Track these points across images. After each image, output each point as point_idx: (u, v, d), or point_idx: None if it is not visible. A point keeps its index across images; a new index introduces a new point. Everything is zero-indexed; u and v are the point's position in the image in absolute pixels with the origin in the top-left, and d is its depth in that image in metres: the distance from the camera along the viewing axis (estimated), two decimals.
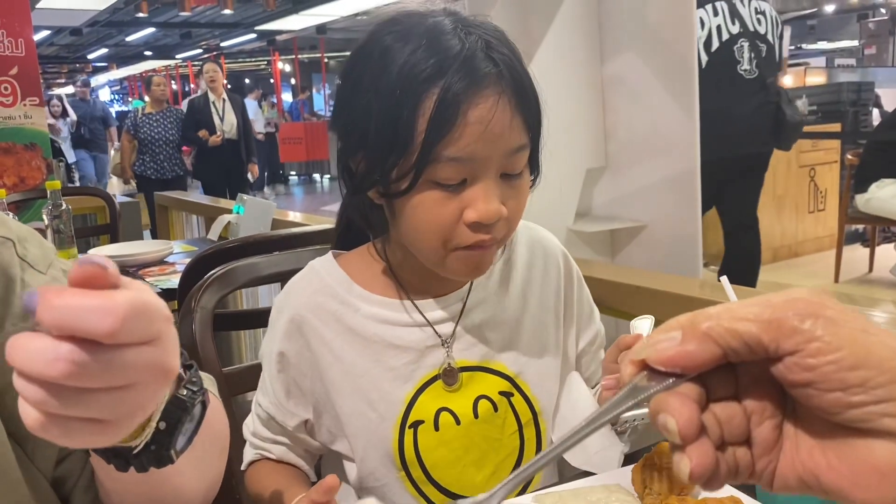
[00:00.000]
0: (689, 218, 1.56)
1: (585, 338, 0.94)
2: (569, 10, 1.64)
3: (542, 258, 0.92)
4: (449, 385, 0.85)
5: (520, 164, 0.77)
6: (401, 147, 0.74)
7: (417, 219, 0.76)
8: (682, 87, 1.51)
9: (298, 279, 0.90)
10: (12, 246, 0.65)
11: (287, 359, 0.87)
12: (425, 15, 0.77)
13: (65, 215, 2.13)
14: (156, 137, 5.88)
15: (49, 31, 12.81)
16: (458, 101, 0.72)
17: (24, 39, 3.31)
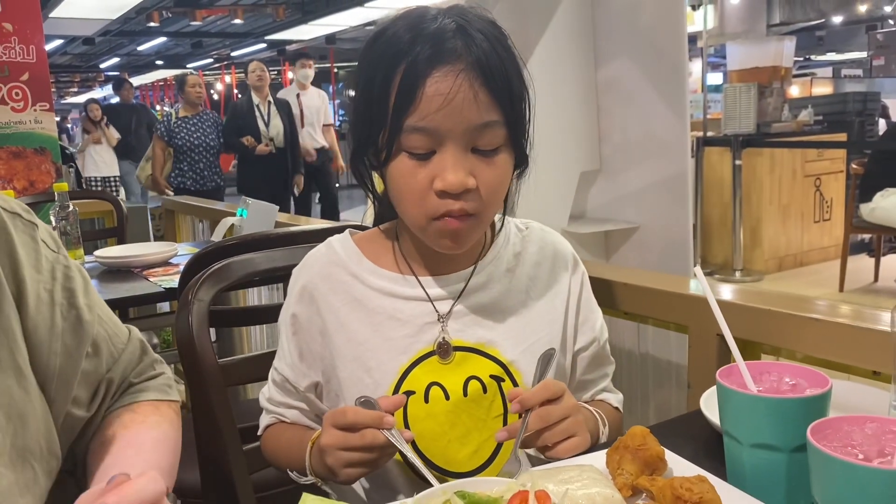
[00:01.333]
0: (681, 219, 1.58)
1: (582, 339, 0.97)
2: (564, 16, 1.67)
3: (552, 259, 0.96)
4: (443, 359, 0.89)
5: (492, 141, 0.82)
6: (379, 118, 0.81)
7: (396, 187, 0.84)
8: (673, 92, 1.54)
9: (315, 251, 0.97)
10: None
11: (299, 322, 0.93)
12: (422, 6, 0.84)
13: (72, 217, 2.17)
14: (194, 144, 5.20)
15: (62, 41, 12.95)
16: (419, 73, 0.78)
17: (35, 46, 3.37)
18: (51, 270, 0.77)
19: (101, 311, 0.83)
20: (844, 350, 1.01)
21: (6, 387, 0.71)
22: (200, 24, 11.63)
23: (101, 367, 0.81)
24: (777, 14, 8.59)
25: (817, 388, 0.73)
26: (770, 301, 1.12)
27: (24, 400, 0.72)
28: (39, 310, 0.75)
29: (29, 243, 0.76)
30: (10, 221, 0.75)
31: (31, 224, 0.78)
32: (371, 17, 10.69)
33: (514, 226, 0.97)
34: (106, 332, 0.82)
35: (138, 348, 0.88)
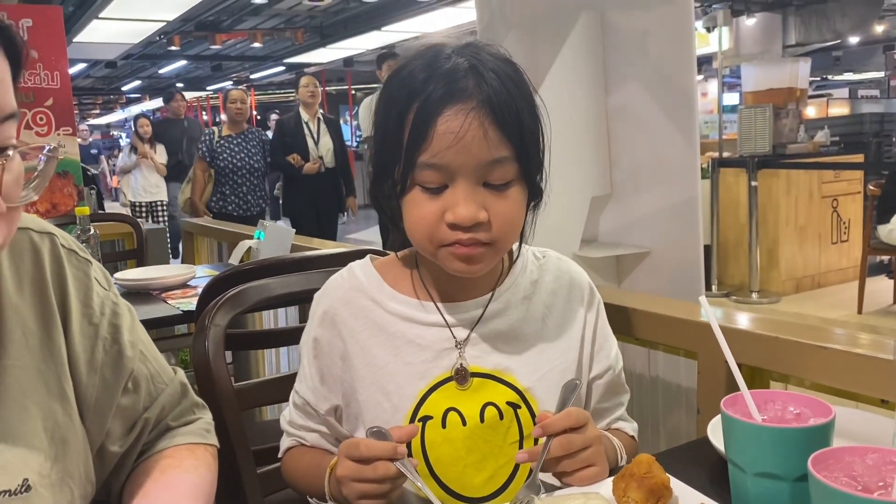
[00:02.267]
0: (692, 244, 1.59)
1: (598, 367, 0.98)
2: (574, 43, 1.70)
3: (567, 287, 0.97)
4: (461, 385, 0.90)
5: (503, 176, 0.84)
6: (394, 153, 0.84)
7: (410, 218, 0.86)
8: (683, 119, 1.56)
9: (337, 277, 0.99)
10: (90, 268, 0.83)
11: (321, 346, 0.95)
12: (438, 44, 0.87)
13: (92, 240, 2.21)
14: (238, 165, 4.76)
15: (85, 64, 13.19)
16: (431, 111, 0.81)
17: (59, 72, 3.45)
18: (100, 306, 0.81)
19: (146, 349, 0.86)
20: (852, 378, 1.01)
21: (52, 412, 0.74)
22: (220, 47, 11.81)
23: (138, 405, 0.84)
24: (793, 35, 8.59)
25: (821, 417, 0.74)
26: (778, 329, 1.13)
27: (67, 425, 0.76)
28: (83, 342, 0.78)
29: (81, 278, 0.80)
30: (65, 257, 0.79)
31: (86, 261, 0.82)
32: (388, 40, 10.82)
33: (532, 254, 0.99)
34: (148, 370, 0.85)
35: (179, 391, 0.89)
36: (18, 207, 0.67)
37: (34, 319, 0.75)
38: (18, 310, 0.74)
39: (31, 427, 0.72)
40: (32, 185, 0.69)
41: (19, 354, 0.73)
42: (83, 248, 0.83)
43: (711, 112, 8.16)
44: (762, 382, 1.15)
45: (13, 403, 0.72)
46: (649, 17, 1.60)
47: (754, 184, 5.23)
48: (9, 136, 0.65)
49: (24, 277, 0.76)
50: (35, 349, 0.75)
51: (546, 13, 1.85)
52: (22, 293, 0.75)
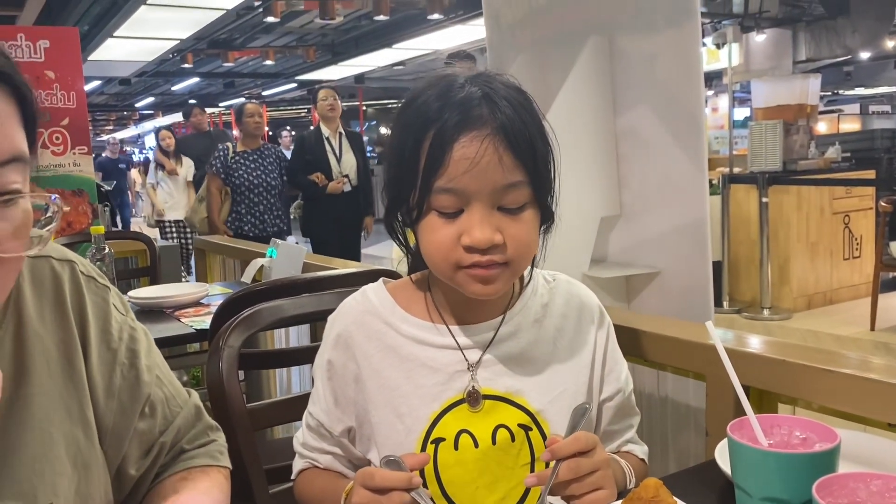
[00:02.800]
0: (701, 265, 1.60)
1: (608, 390, 0.99)
2: (582, 67, 1.72)
3: (578, 310, 0.99)
4: (473, 407, 0.92)
5: (517, 200, 0.86)
6: (410, 180, 0.86)
7: (426, 242, 0.88)
8: (691, 141, 1.57)
9: (350, 300, 1.01)
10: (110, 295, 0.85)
11: (334, 368, 0.97)
12: (450, 74, 0.90)
13: (107, 258, 2.24)
14: (254, 183, 4.50)
15: (100, 81, 13.36)
16: (447, 139, 0.83)
17: (75, 92, 3.51)
18: (118, 331, 0.83)
19: (162, 373, 0.87)
20: (860, 402, 1.02)
21: (74, 437, 0.76)
22: (233, 64, 11.92)
23: (154, 428, 0.85)
24: (803, 51, 8.59)
25: (826, 442, 0.75)
26: (786, 352, 1.13)
27: (88, 450, 0.77)
28: (101, 368, 0.80)
29: (100, 304, 0.82)
30: (85, 284, 0.81)
31: (105, 287, 0.84)
32: (398, 57, 10.90)
33: (542, 278, 1.00)
34: (164, 394, 0.86)
35: (193, 413, 0.91)
36: (18, 258, 0.66)
37: (56, 346, 0.77)
38: (41, 337, 0.76)
39: (54, 453, 0.74)
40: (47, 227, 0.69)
41: (42, 382, 0.75)
42: (102, 275, 0.85)
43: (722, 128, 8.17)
44: (770, 405, 1.16)
45: (37, 430, 0.73)
46: (657, 41, 1.62)
47: (765, 200, 5.22)
48: (11, 180, 0.64)
49: (46, 305, 0.78)
50: (57, 376, 0.76)
51: (555, 37, 1.87)
52: (44, 321, 0.77)
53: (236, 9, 7.55)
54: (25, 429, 0.73)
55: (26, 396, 0.73)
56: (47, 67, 3.43)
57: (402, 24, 9.53)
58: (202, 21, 8.06)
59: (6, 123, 0.64)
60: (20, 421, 0.72)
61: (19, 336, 0.75)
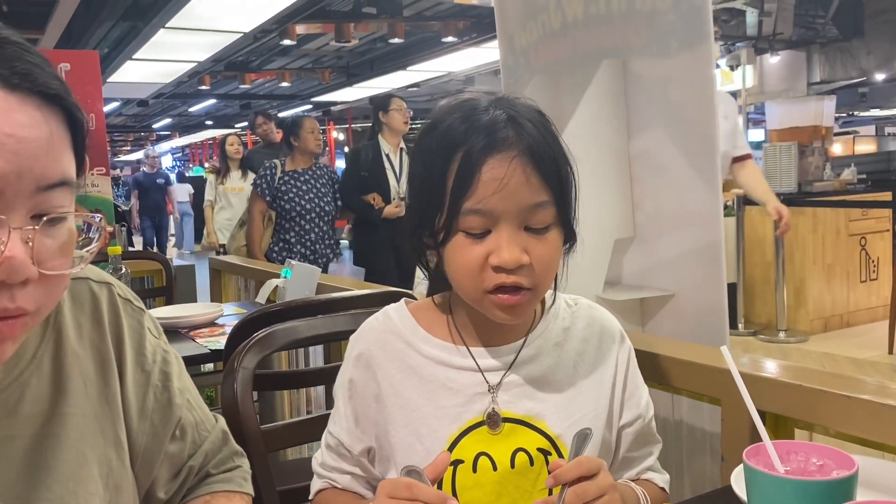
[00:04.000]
0: (716, 287, 1.59)
1: (628, 415, 0.98)
2: (596, 89, 1.73)
3: (599, 335, 0.99)
4: (493, 429, 0.91)
5: (543, 220, 0.87)
6: (436, 202, 0.87)
7: (453, 263, 0.88)
8: (704, 164, 1.57)
9: (372, 319, 1.01)
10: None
11: (356, 387, 0.97)
12: (471, 98, 0.91)
13: (124, 279, 2.26)
14: (306, 208, 3.89)
15: (118, 103, 13.54)
16: (475, 161, 0.85)
17: (95, 114, 3.56)
18: (152, 353, 0.84)
19: (192, 396, 0.88)
20: (878, 428, 1.00)
21: (107, 458, 0.77)
22: (249, 86, 12.06)
23: (184, 452, 0.86)
24: (817, 73, 8.59)
25: (844, 470, 0.74)
26: (802, 377, 1.12)
27: (120, 472, 0.78)
28: (135, 389, 0.81)
29: (136, 327, 0.83)
30: (122, 307, 0.82)
31: (140, 310, 0.85)
32: (413, 79, 10.99)
33: (564, 301, 1.00)
34: (194, 418, 0.87)
35: (220, 438, 0.91)
36: (62, 276, 0.67)
37: (93, 367, 0.78)
38: (79, 358, 0.77)
39: (87, 472, 0.75)
40: (88, 247, 0.70)
41: (79, 402, 0.76)
42: (138, 298, 0.86)
43: None
44: (786, 430, 1.14)
45: (72, 450, 0.74)
46: (671, 64, 1.63)
47: None
48: (56, 204, 0.64)
49: (84, 326, 0.79)
50: (93, 397, 0.77)
51: (569, 60, 1.88)
52: (82, 341, 0.78)
53: (253, 32, 7.64)
54: (61, 448, 0.73)
55: (63, 416, 0.74)
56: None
57: (416, 46, 9.62)
58: (220, 44, 8.17)
59: (57, 147, 0.65)
60: (56, 440, 0.73)
61: (58, 356, 0.76)
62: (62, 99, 0.65)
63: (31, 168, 0.61)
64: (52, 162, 0.64)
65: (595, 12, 1.80)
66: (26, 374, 0.73)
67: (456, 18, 8.23)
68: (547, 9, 1.94)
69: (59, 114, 0.65)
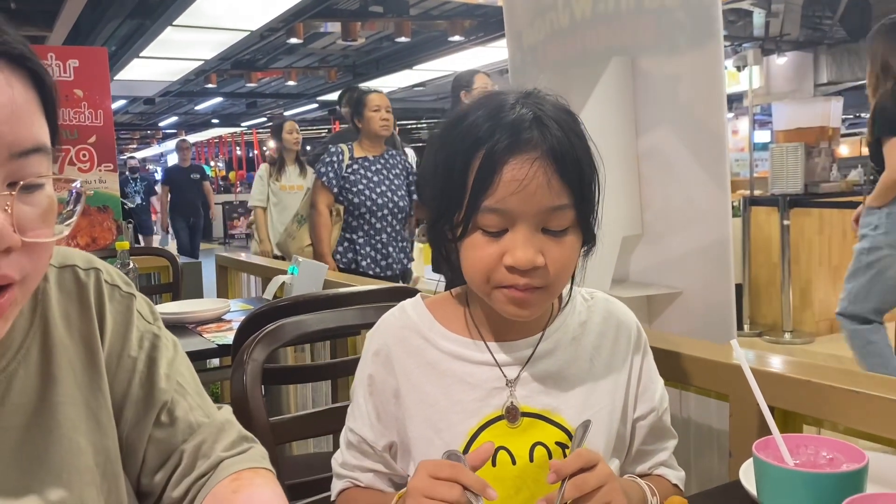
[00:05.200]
0: (723, 285, 1.59)
1: (642, 408, 0.99)
2: (605, 87, 1.73)
3: (615, 329, 0.99)
4: (512, 423, 0.92)
5: (562, 223, 0.86)
6: (457, 198, 0.87)
7: (468, 259, 0.88)
8: (713, 162, 1.57)
9: (389, 315, 1.01)
10: None
11: (375, 383, 0.97)
12: (500, 93, 0.91)
13: (131, 274, 2.27)
14: (378, 203, 3.29)
15: (125, 101, 13.58)
16: (497, 160, 0.84)
17: (103, 110, 3.58)
18: (139, 339, 0.82)
19: (186, 382, 0.85)
20: (887, 423, 1.01)
21: (105, 447, 0.76)
22: (255, 85, 12.08)
23: (175, 437, 0.83)
24: (824, 73, 8.57)
25: (854, 463, 0.74)
26: (810, 372, 1.13)
27: (116, 459, 0.78)
28: (118, 377, 0.80)
29: (123, 312, 0.81)
30: (108, 292, 0.81)
31: (129, 295, 0.83)
32: (419, 78, 11.00)
33: (581, 296, 1.01)
34: (187, 402, 0.84)
35: (223, 425, 0.87)
36: (46, 244, 0.66)
37: (82, 355, 0.77)
38: (66, 347, 0.76)
39: (83, 462, 0.74)
40: (68, 221, 0.68)
41: (69, 391, 0.75)
42: (129, 282, 0.84)
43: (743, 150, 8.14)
44: (795, 426, 1.14)
45: (65, 439, 0.73)
46: (679, 62, 1.63)
47: (786, 222, 5.19)
48: (34, 171, 0.63)
49: (72, 314, 0.78)
50: (84, 385, 0.76)
51: (577, 57, 1.89)
52: (70, 330, 0.77)
53: (260, 30, 7.66)
54: (52, 438, 0.73)
55: (52, 405, 0.73)
56: (76, 86, 3.50)
57: (422, 45, 9.63)
58: (227, 42, 8.19)
59: (26, 111, 0.61)
60: (46, 430, 0.73)
61: (46, 345, 0.75)
62: (27, 59, 0.62)
63: (1, 134, 0.59)
64: (22, 128, 0.61)
65: (603, 10, 1.80)
66: (13, 364, 0.72)
67: (462, 17, 8.24)
68: (555, 6, 1.94)
69: (24, 76, 0.62)
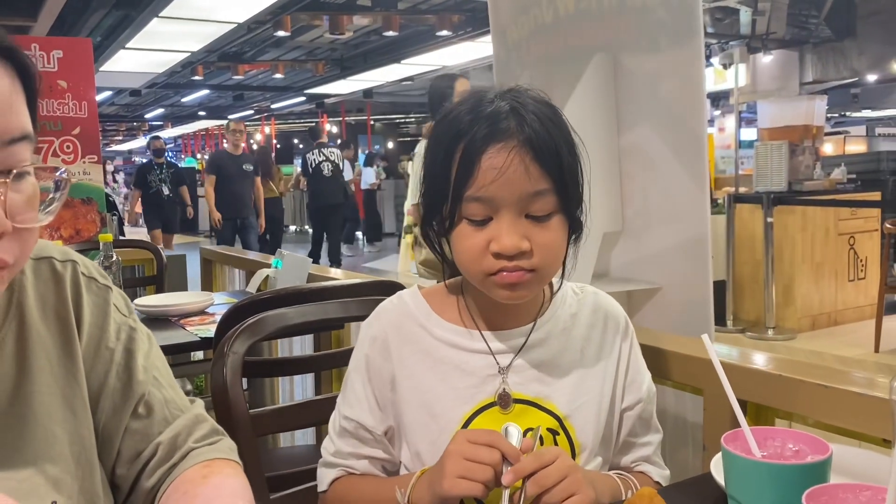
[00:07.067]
0: (701, 282, 1.61)
1: (629, 399, 1.01)
2: (588, 84, 1.74)
3: (603, 320, 1.02)
4: (504, 409, 0.94)
5: (544, 207, 0.89)
6: (442, 191, 0.90)
7: (458, 250, 0.92)
8: (693, 160, 1.59)
9: (387, 303, 1.04)
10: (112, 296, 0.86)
11: (372, 368, 0.99)
12: (482, 90, 0.94)
13: (115, 266, 2.26)
14: None
15: (111, 92, 13.47)
16: (476, 150, 0.87)
17: (87, 102, 3.55)
18: (116, 331, 0.83)
19: (161, 375, 0.86)
20: (855, 418, 1.03)
21: (79, 436, 0.77)
22: (242, 77, 12.02)
23: (151, 429, 0.83)
24: (810, 72, 8.63)
25: (818, 454, 0.76)
26: (782, 367, 1.15)
27: (92, 447, 0.79)
28: (96, 368, 0.81)
29: (100, 304, 0.83)
30: (84, 284, 0.82)
31: (106, 287, 0.85)
32: (407, 73, 10.98)
33: (571, 289, 1.03)
34: (163, 395, 0.85)
35: (196, 418, 0.88)
36: (32, 230, 0.68)
37: (57, 346, 0.78)
38: (42, 337, 0.77)
39: (57, 451, 0.75)
40: (48, 208, 0.70)
41: (44, 380, 0.76)
42: (104, 275, 0.86)
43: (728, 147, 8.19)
44: (767, 420, 1.17)
45: (40, 428, 0.74)
46: (660, 60, 1.65)
47: (770, 220, 5.23)
48: (20, 158, 0.66)
49: (48, 305, 0.79)
50: (59, 375, 0.77)
51: (560, 54, 1.90)
52: (46, 321, 0.78)
53: (247, 23, 7.62)
54: (27, 427, 0.74)
55: (28, 394, 0.74)
56: (60, 77, 3.48)
57: (410, 39, 9.61)
58: (213, 34, 8.14)
59: (15, 101, 0.65)
60: (22, 418, 0.74)
61: (22, 335, 0.76)
62: (14, 51, 0.66)
63: None
64: (13, 116, 0.65)
65: (586, 7, 1.82)
66: None
67: (450, 12, 8.23)
68: (539, 3, 1.95)
69: (11, 68, 0.66)
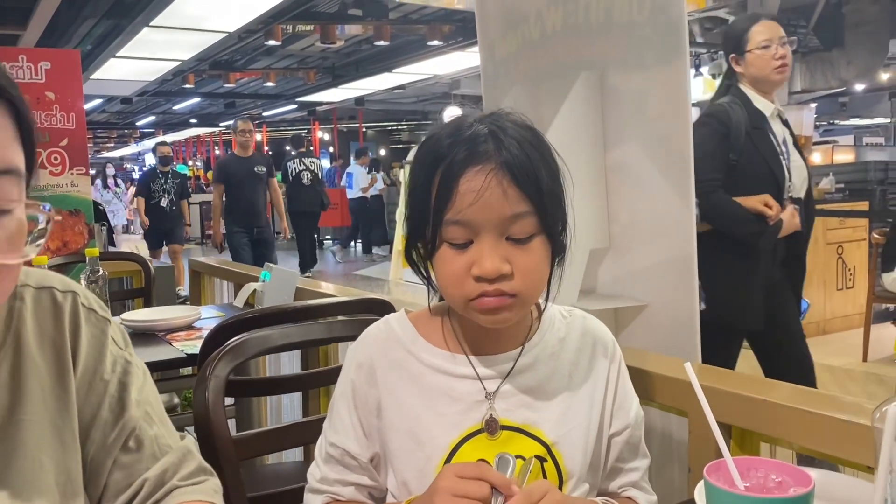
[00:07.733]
0: (688, 300, 1.61)
1: (617, 424, 1.00)
2: (574, 100, 1.74)
3: (592, 346, 1.00)
4: (491, 436, 0.93)
5: (525, 229, 0.88)
6: (423, 214, 0.90)
7: (440, 274, 0.91)
8: (679, 178, 1.59)
9: (374, 328, 1.02)
10: None
11: (358, 395, 0.98)
12: (463, 115, 0.94)
13: (101, 280, 2.24)
14: None
15: (101, 100, 13.44)
16: (454, 173, 0.87)
17: (75, 113, 3.54)
18: (112, 364, 0.83)
19: (153, 411, 0.86)
20: (839, 444, 1.02)
21: (66, 467, 0.77)
22: (234, 85, 12.01)
23: (140, 463, 0.83)
24: (798, 82, 8.68)
25: (801, 487, 0.76)
26: (766, 391, 1.14)
27: (78, 479, 0.78)
28: (89, 399, 0.81)
29: (98, 336, 0.83)
30: (84, 315, 0.82)
31: (104, 320, 0.85)
32: (398, 81, 11.00)
33: (559, 312, 1.02)
34: (154, 431, 0.85)
35: (185, 454, 0.88)
36: (11, 268, 0.68)
37: (52, 375, 0.78)
38: (37, 366, 0.77)
39: (43, 481, 0.75)
40: (38, 241, 0.70)
41: (36, 409, 0.76)
42: (104, 307, 0.86)
43: None
44: (752, 444, 1.16)
45: (28, 457, 0.74)
46: (647, 77, 1.65)
47: None
48: (3, 196, 0.65)
49: (46, 335, 0.79)
50: (51, 405, 0.77)
51: (548, 70, 1.90)
52: (43, 350, 0.78)
53: (238, 31, 7.62)
54: (17, 456, 0.73)
55: (19, 423, 0.74)
56: (48, 88, 3.46)
57: (402, 49, 9.63)
58: (204, 43, 8.14)
59: (1, 136, 0.66)
60: (11, 447, 0.73)
61: (17, 363, 0.76)
62: (6, 91, 0.66)
63: None
64: None
65: (574, 24, 1.82)
66: None
67: (441, 22, 8.25)
68: (527, 19, 1.96)
69: (4, 106, 0.66)
